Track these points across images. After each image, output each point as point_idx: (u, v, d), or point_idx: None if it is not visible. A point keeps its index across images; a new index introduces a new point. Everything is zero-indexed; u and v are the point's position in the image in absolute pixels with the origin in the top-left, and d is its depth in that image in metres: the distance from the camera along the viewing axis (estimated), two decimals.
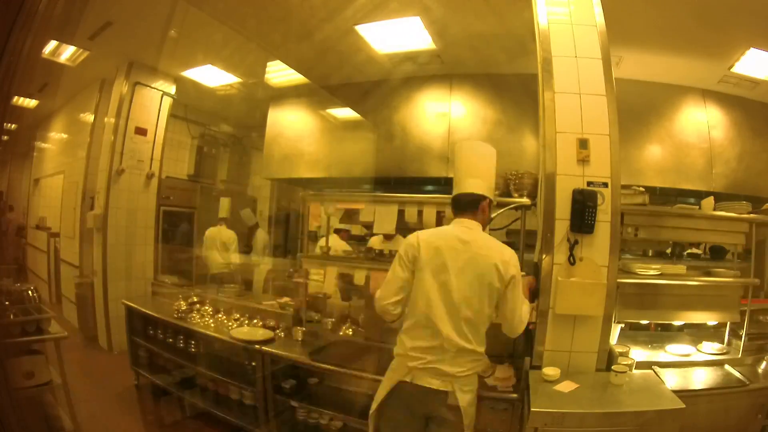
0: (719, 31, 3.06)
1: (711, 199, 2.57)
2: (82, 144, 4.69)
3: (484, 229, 1.94)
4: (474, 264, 1.79)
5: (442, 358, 1.76)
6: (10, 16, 1.28)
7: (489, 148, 2.02)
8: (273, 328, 3.01)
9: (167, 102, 4.64)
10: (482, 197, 1.91)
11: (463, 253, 1.80)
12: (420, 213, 2.67)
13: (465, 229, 1.86)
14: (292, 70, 4.12)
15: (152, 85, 4.49)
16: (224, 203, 4.58)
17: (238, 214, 4.64)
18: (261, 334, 2.91)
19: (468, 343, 1.77)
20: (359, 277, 2.71)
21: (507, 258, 1.82)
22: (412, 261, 1.83)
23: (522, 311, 1.86)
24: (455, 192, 1.95)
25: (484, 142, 2.06)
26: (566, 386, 2.01)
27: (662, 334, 2.78)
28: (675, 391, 1.98)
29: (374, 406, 1.87)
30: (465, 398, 1.78)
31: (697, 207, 2.60)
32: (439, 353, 1.76)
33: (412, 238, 1.87)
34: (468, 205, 1.90)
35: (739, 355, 2.45)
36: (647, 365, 2.27)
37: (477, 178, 1.92)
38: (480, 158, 1.98)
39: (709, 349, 2.50)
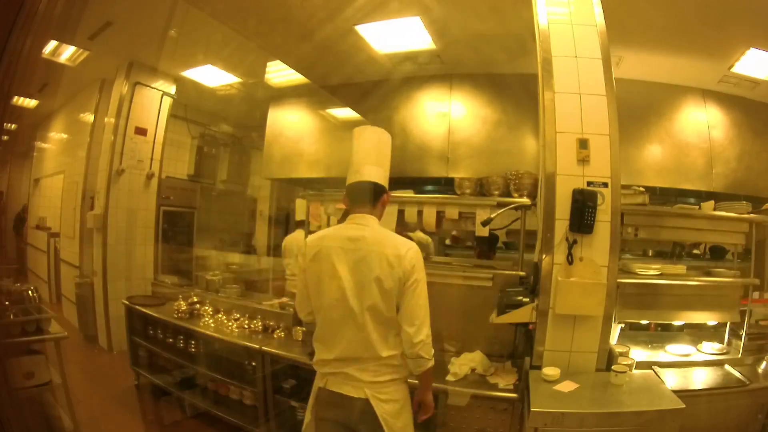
0: (719, 31, 3.06)
1: (711, 203, 2.58)
2: (82, 144, 4.68)
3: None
4: (366, 262, 1.62)
5: (350, 367, 1.62)
6: (10, 16, 1.28)
7: (386, 134, 1.91)
8: (273, 328, 3.01)
9: (167, 102, 4.64)
10: (383, 189, 1.77)
11: (354, 252, 1.64)
12: (420, 213, 2.68)
13: (357, 225, 1.71)
14: (292, 70, 4.12)
15: (152, 85, 4.49)
16: (301, 205, 3.91)
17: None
18: None
19: (376, 349, 1.61)
20: None
21: (402, 252, 1.62)
22: (305, 269, 1.72)
23: (423, 322, 1.61)
24: (350, 181, 1.78)
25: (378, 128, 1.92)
26: (566, 386, 2.01)
27: (662, 334, 2.78)
28: (675, 391, 1.98)
29: (307, 416, 1.75)
30: (384, 408, 1.60)
31: (697, 207, 2.61)
32: (345, 363, 1.63)
33: (303, 243, 1.75)
34: (366, 197, 1.74)
35: (739, 355, 2.45)
36: (647, 365, 2.27)
37: (376, 165, 1.78)
38: (378, 144, 1.85)
39: (709, 349, 2.50)
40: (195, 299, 3.52)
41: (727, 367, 2.38)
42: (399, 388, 1.68)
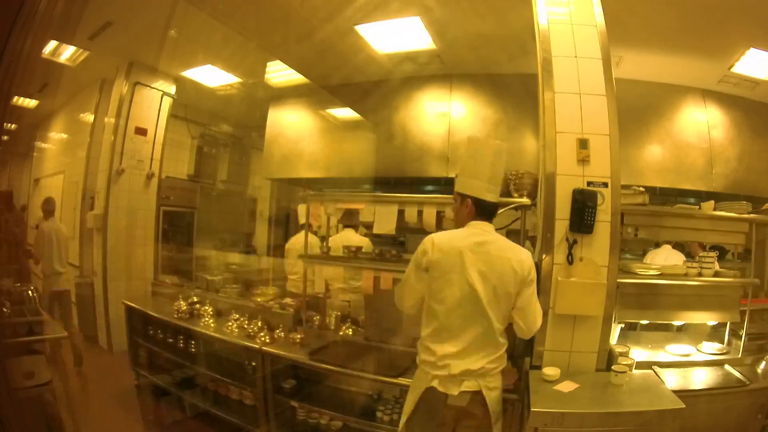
0: (719, 31, 3.06)
1: (711, 203, 2.58)
2: (82, 144, 4.68)
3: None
4: (491, 265, 1.79)
5: (467, 360, 1.77)
6: (10, 16, 1.28)
7: (504, 147, 1.98)
8: (272, 328, 3.01)
9: (167, 102, 4.64)
10: (498, 206, 1.98)
11: (481, 254, 1.80)
12: (420, 213, 2.68)
13: (481, 231, 1.86)
14: (292, 70, 4.12)
15: (152, 85, 4.49)
16: (302, 209, 4.12)
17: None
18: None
19: (490, 343, 1.80)
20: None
21: (523, 258, 1.84)
22: (427, 267, 1.83)
23: (536, 313, 1.87)
24: (477, 196, 1.89)
25: (496, 140, 2.02)
26: (566, 386, 2.01)
27: (662, 334, 2.78)
28: (675, 391, 1.98)
29: (404, 419, 1.86)
30: (491, 396, 1.79)
31: (697, 207, 2.60)
32: (464, 356, 1.77)
33: (426, 243, 1.85)
34: (489, 213, 1.92)
35: (739, 355, 2.45)
36: (647, 365, 2.27)
37: (498, 185, 1.94)
38: (500, 164, 1.96)
39: (709, 349, 2.50)
40: (195, 299, 3.51)
41: (727, 367, 2.38)
42: (500, 378, 1.88)
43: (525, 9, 2.47)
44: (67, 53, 3.85)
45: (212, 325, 3.20)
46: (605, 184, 2.17)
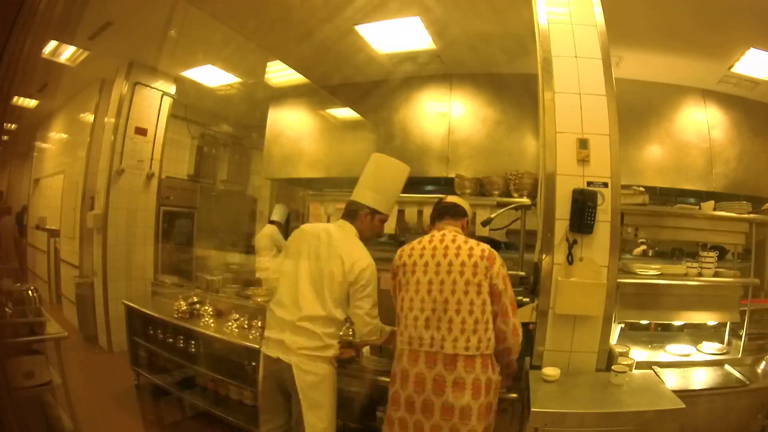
0: (719, 31, 3.05)
1: (711, 203, 2.58)
2: (82, 144, 4.68)
3: (361, 238, 2.14)
4: (325, 253, 2.04)
5: (285, 331, 1.98)
6: (10, 16, 1.28)
7: (404, 167, 2.25)
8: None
9: (167, 102, 4.64)
10: (363, 208, 2.16)
11: (324, 244, 2.06)
12: (420, 213, 2.68)
13: (337, 227, 2.14)
14: (292, 70, 4.11)
15: (152, 85, 4.49)
16: (278, 208, 4.12)
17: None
18: None
19: (311, 323, 1.96)
20: None
21: (356, 258, 2.01)
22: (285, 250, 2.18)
23: (365, 317, 2.01)
24: (353, 198, 2.20)
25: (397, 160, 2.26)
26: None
27: (662, 334, 2.78)
28: (675, 391, 1.98)
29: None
30: (304, 378, 1.92)
31: (697, 207, 2.60)
32: (284, 327, 1.99)
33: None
34: (350, 213, 2.17)
35: (739, 355, 2.45)
36: (647, 365, 2.27)
37: (374, 192, 2.18)
38: (388, 175, 2.24)
39: (709, 349, 2.50)
40: (195, 299, 3.51)
41: (727, 367, 2.38)
42: (322, 365, 2.02)
43: (525, 9, 2.46)
44: (67, 53, 3.85)
45: (212, 325, 3.20)
46: (605, 184, 2.17)
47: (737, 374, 2.30)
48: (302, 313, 1.98)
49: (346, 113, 4.52)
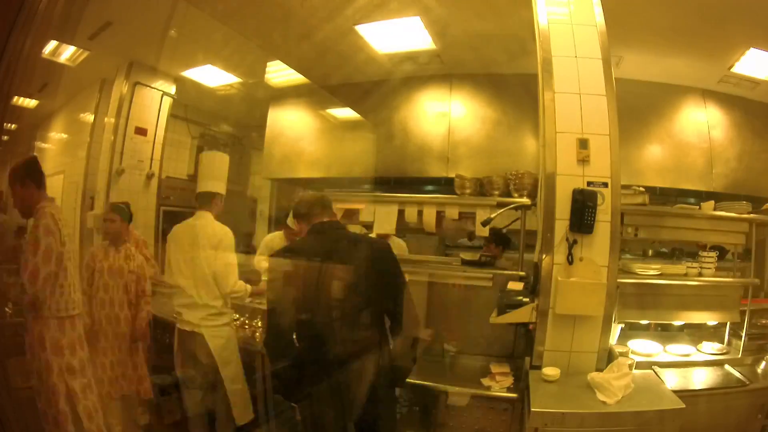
0: (719, 31, 3.06)
1: (711, 203, 2.58)
2: (82, 144, 4.68)
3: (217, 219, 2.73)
4: (194, 237, 2.64)
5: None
6: (10, 16, 1.28)
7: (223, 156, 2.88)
8: None
9: (167, 102, 4.63)
10: (213, 194, 2.75)
11: (190, 230, 2.67)
12: (420, 213, 2.68)
13: (198, 217, 2.72)
14: (292, 70, 4.12)
15: (152, 85, 4.48)
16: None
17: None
18: None
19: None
20: None
21: (212, 231, 2.69)
22: None
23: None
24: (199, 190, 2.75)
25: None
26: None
27: (662, 334, 2.78)
28: (675, 391, 1.98)
29: None
30: (214, 342, 2.59)
31: (697, 207, 2.60)
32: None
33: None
34: (203, 199, 2.74)
35: (739, 355, 2.45)
36: (647, 365, 2.27)
37: (214, 179, 2.78)
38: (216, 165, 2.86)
39: (709, 349, 2.50)
40: None
41: (727, 367, 2.38)
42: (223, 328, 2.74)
43: (525, 9, 2.47)
44: (67, 53, 3.84)
45: None
46: (605, 184, 2.16)
47: (737, 374, 2.30)
48: None
49: (346, 113, 4.52)
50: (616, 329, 2.39)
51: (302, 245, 1.88)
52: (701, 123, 3.84)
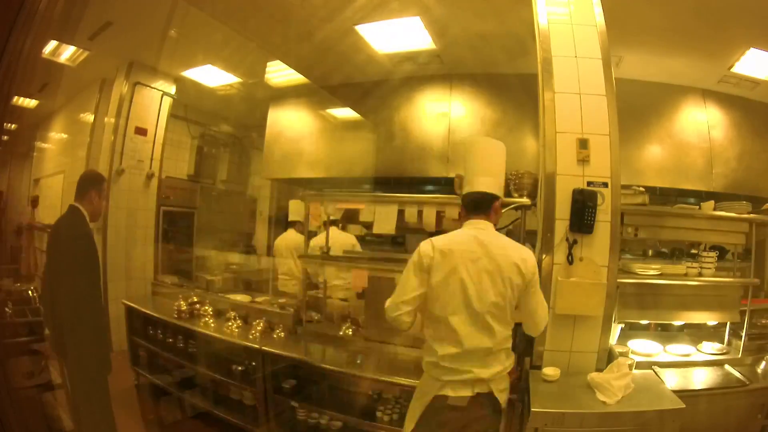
0: (719, 31, 3.05)
1: (711, 203, 2.58)
2: (82, 144, 4.67)
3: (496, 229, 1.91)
4: (494, 265, 1.74)
5: (474, 363, 1.74)
6: (10, 16, 1.28)
7: (500, 144, 1.97)
8: (272, 328, 3.02)
9: (167, 102, 4.64)
10: (495, 197, 1.87)
11: (482, 255, 1.75)
12: (420, 213, 2.68)
13: (479, 230, 1.80)
14: (292, 70, 4.12)
15: (152, 85, 4.48)
16: (295, 205, 3.89)
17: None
18: None
19: (494, 343, 1.75)
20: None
21: (525, 256, 1.79)
22: (428, 269, 1.77)
23: (542, 311, 1.85)
24: (466, 191, 1.89)
25: (492, 138, 2.02)
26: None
27: (662, 334, 2.78)
28: (675, 391, 1.98)
29: (410, 425, 1.82)
30: (502, 397, 1.80)
31: (697, 207, 2.60)
32: (468, 360, 1.74)
33: (426, 245, 1.79)
34: (481, 206, 1.85)
35: (739, 355, 2.45)
36: (647, 365, 2.27)
37: (489, 176, 1.88)
38: (491, 155, 1.94)
39: (709, 349, 2.50)
40: (195, 299, 3.51)
41: (727, 367, 2.38)
42: (507, 378, 1.86)
43: (525, 9, 2.46)
44: (67, 53, 3.84)
45: (212, 325, 3.20)
46: (605, 184, 2.17)
47: (737, 374, 2.30)
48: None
49: (346, 113, 4.52)
50: (616, 329, 2.39)
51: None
52: (701, 123, 3.84)
